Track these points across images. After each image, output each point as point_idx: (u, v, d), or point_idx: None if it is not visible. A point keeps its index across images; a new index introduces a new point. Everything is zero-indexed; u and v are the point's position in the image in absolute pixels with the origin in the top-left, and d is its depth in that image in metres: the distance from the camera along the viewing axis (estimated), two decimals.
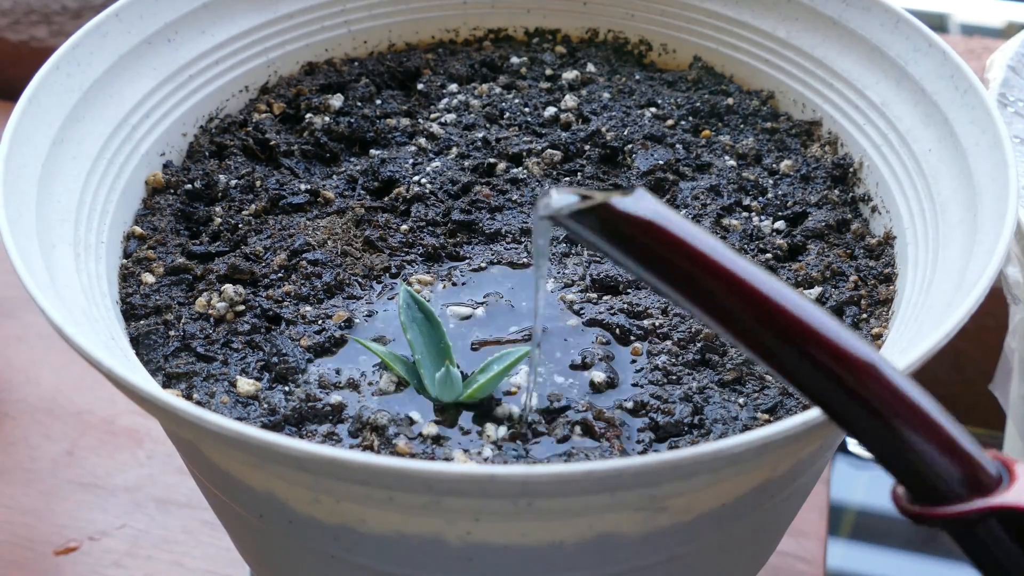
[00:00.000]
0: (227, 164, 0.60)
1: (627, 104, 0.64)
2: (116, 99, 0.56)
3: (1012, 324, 0.61)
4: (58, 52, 0.54)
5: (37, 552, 0.66)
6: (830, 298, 0.53)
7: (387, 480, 0.37)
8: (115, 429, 0.73)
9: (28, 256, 0.45)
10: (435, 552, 0.42)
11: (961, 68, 0.54)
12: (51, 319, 0.42)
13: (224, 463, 0.43)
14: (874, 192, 0.57)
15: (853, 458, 0.78)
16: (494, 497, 0.37)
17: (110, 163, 0.55)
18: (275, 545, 0.47)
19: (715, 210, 0.57)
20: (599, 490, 0.37)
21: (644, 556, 0.43)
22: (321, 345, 0.50)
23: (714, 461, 0.37)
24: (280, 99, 0.64)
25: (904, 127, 0.56)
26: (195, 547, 0.67)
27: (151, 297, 0.52)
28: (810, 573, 0.66)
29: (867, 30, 0.59)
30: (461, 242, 0.56)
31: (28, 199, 0.48)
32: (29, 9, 1.03)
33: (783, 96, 0.64)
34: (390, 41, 0.68)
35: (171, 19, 0.60)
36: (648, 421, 0.47)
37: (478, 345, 0.50)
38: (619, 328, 0.50)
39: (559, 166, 0.60)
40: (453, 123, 0.63)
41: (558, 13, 0.69)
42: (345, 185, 0.59)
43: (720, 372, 0.49)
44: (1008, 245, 0.45)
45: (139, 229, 0.56)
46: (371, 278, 0.54)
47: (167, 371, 0.49)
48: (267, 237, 0.55)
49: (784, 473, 0.44)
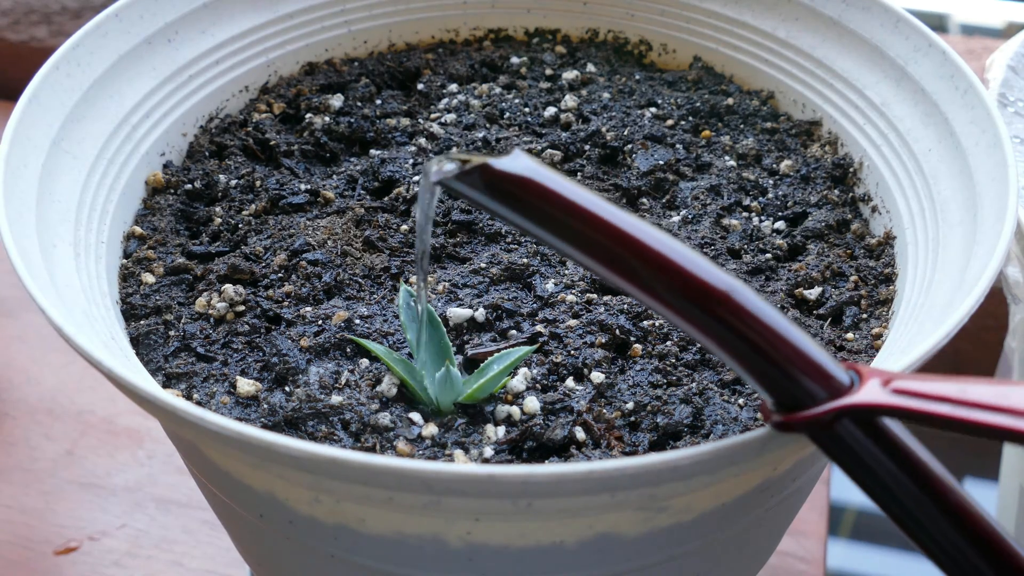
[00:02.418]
0: (227, 164, 0.60)
1: (627, 104, 0.64)
2: (116, 99, 0.56)
3: (1012, 324, 0.61)
4: (58, 52, 0.54)
5: (37, 552, 0.66)
6: (830, 298, 0.53)
7: (387, 480, 0.37)
8: (115, 429, 0.73)
9: (28, 256, 0.45)
10: (435, 552, 0.42)
11: (961, 68, 0.54)
12: (51, 319, 0.42)
13: (224, 463, 0.43)
14: (874, 192, 0.57)
15: None
16: (494, 497, 0.37)
17: (110, 163, 0.55)
18: (275, 545, 0.47)
19: (715, 210, 0.57)
20: (599, 490, 0.37)
21: (644, 556, 0.43)
22: (321, 345, 0.50)
23: (714, 461, 0.37)
24: (280, 99, 0.64)
25: (904, 127, 0.56)
26: (195, 547, 0.67)
27: (151, 297, 0.52)
28: (810, 573, 0.66)
29: (867, 30, 0.59)
30: (461, 242, 0.56)
31: (28, 199, 0.48)
32: (29, 9, 1.03)
33: (783, 96, 0.64)
34: (390, 41, 0.68)
35: (171, 19, 0.60)
36: (648, 422, 0.47)
37: (476, 356, 0.50)
38: (619, 329, 0.50)
39: (559, 166, 0.60)
40: (453, 123, 0.63)
41: (558, 13, 0.69)
42: (345, 185, 0.59)
43: (720, 372, 0.49)
44: (1008, 245, 0.45)
45: (139, 229, 0.56)
46: (371, 278, 0.54)
47: (167, 371, 0.49)
48: (267, 237, 0.55)
49: (784, 473, 0.44)
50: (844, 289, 0.53)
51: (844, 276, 0.54)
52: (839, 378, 0.37)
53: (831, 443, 0.37)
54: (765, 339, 0.36)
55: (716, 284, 0.36)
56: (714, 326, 0.36)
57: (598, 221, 0.37)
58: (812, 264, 0.54)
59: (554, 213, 0.37)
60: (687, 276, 0.36)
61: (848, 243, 0.56)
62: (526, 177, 0.37)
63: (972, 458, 0.81)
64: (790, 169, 0.60)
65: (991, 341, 0.81)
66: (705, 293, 0.36)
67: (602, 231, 0.36)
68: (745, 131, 0.63)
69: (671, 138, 0.62)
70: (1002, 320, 0.64)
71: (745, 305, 0.36)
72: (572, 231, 0.37)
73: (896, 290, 0.53)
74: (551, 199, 0.37)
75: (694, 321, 0.37)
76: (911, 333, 0.46)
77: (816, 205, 0.58)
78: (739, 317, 0.36)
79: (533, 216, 0.37)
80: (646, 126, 0.62)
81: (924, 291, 0.49)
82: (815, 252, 0.55)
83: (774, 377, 0.37)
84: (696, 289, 0.36)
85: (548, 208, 0.37)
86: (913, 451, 0.37)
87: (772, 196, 0.58)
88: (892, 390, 0.36)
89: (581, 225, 0.37)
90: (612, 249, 0.37)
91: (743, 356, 0.37)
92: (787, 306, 0.52)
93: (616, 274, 0.37)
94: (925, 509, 0.36)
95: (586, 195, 0.37)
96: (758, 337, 0.36)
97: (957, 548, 0.36)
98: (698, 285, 0.36)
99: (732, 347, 0.37)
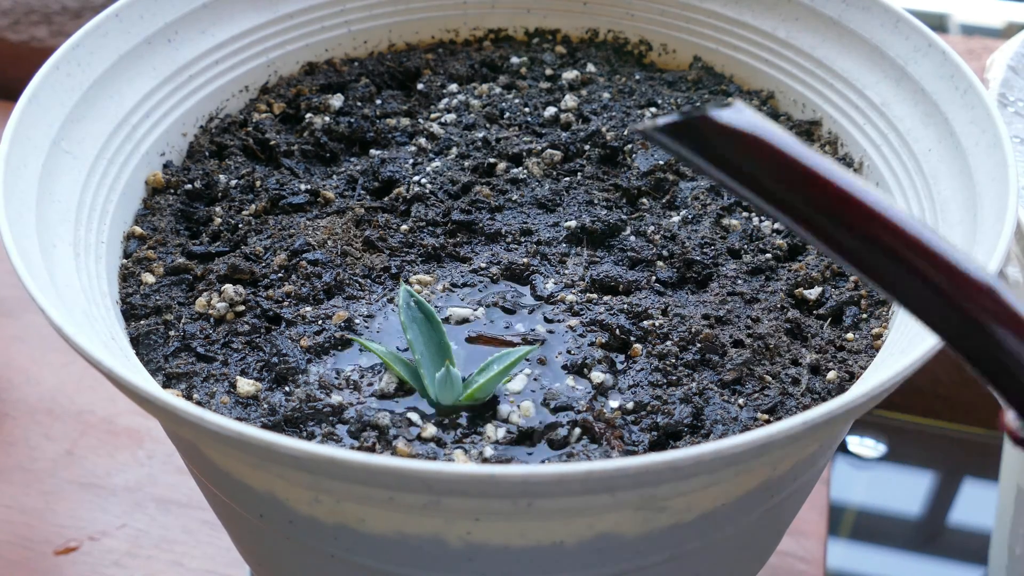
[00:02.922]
0: (227, 164, 0.60)
1: (627, 104, 0.64)
2: (116, 99, 0.56)
3: None
4: (58, 52, 0.54)
5: (37, 552, 0.66)
6: (830, 298, 0.53)
7: (387, 480, 0.37)
8: (115, 429, 0.73)
9: (28, 256, 0.45)
10: (435, 552, 0.42)
11: (961, 68, 0.54)
12: (51, 319, 0.42)
13: (224, 463, 0.43)
14: None
15: (853, 458, 0.78)
16: (494, 497, 0.37)
17: (110, 163, 0.55)
18: (275, 545, 0.47)
19: (715, 210, 0.57)
20: (599, 490, 0.37)
21: (644, 556, 0.43)
22: (321, 345, 0.50)
23: (714, 461, 0.37)
24: (280, 99, 0.64)
25: (904, 127, 0.56)
26: (195, 547, 0.67)
27: (151, 297, 0.52)
28: (810, 573, 0.66)
29: (867, 30, 0.59)
30: (461, 242, 0.56)
31: (28, 199, 0.48)
32: (29, 9, 1.03)
33: (783, 96, 0.64)
34: (390, 41, 0.68)
35: (171, 19, 0.60)
36: (648, 422, 0.47)
37: (475, 338, 0.50)
38: (619, 328, 0.50)
39: (559, 166, 0.60)
40: (453, 123, 0.63)
41: (558, 13, 0.69)
42: (345, 185, 0.59)
43: (720, 372, 0.49)
44: (1008, 245, 0.45)
45: (139, 229, 0.56)
46: (371, 278, 0.54)
47: (167, 371, 0.49)
48: (267, 237, 0.55)
49: (784, 473, 0.44)
50: (844, 289, 0.53)
51: (844, 276, 0.54)
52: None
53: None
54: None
55: (979, 277, 0.32)
56: (968, 328, 0.32)
57: (842, 196, 0.32)
58: (812, 264, 0.54)
59: (789, 180, 0.32)
60: (947, 267, 0.32)
61: None
62: (752, 134, 0.32)
63: (972, 458, 0.81)
64: None
65: None
66: (968, 286, 0.32)
67: (848, 210, 0.32)
68: None
69: None
70: None
71: (1009, 304, 0.32)
72: (808, 208, 0.32)
73: None
74: (784, 164, 0.32)
75: (947, 321, 0.32)
76: (911, 333, 0.46)
77: None
78: (1000, 318, 0.32)
79: (757, 184, 0.32)
80: None
81: None
82: (815, 252, 0.55)
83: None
84: (959, 282, 0.32)
85: (780, 176, 0.32)
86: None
87: None
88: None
89: (822, 201, 0.32)
90: (859, 233, 0.32)
91: (999, 362, 0.32)
92: (787, 306, 0.52)
93: (853, 265, 0.32)
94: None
95: (827, 163, 0.32)
96: (1022, 343, 0.32)
97: None
98: (961, 277, 0.32)
99: (987, 353, 0.32)
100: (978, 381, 0.44)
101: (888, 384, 0.40)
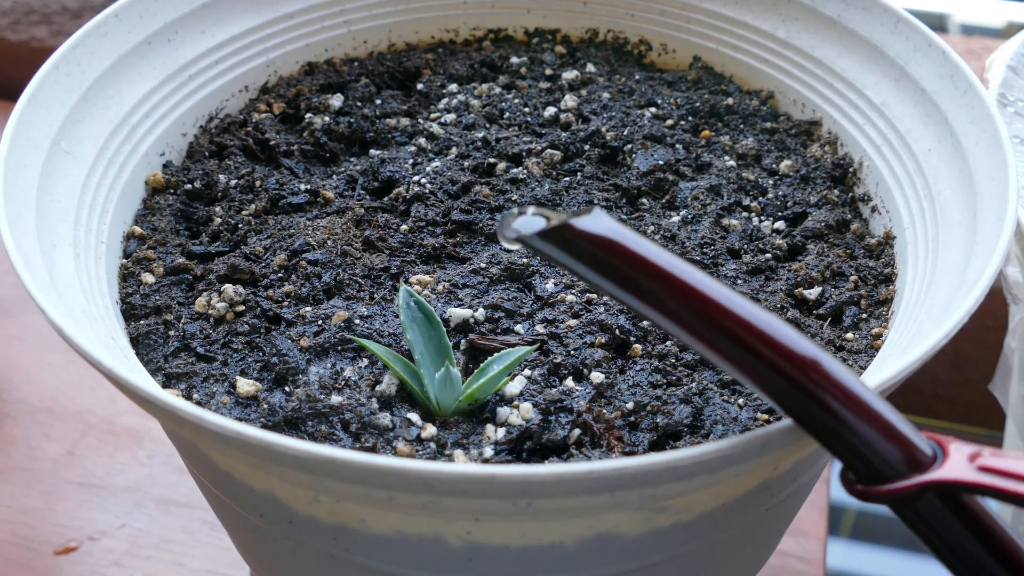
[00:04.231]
0: (227, 164, 0.60)
1: (627, 104, 0.64)
2: (116, 99, 0.56)
3: (1012, 324, 0.61)
4: (58, 52, 0.54)
5: (37, 552, 0.66)
6: (830, 298, 0.53)
7: (387, 480, 0.37)
8: (115, 429, 0.73)
9: (28, 256, 0.45)
10: (435, 552, 0.42)
11: (961, 68, 0.54)
12: (51, 319, 0.42)
13: (224, 463, 0.43)
14: (874, 192, 0.57)
15: None
16: (494, 497, 0.37)
17: (110, 163, 0.55)
18: (275, 545, 0.47)
19: (715, 210, 0.57)
20: (599, 490, 0.37)
21: (644, 556, 0.43)
22: (321, 345, 0.50)
23: (714, 461, 0.37)
24: (280, 99, 0.64)
25: (904, 127, 0.56)
26: (195, 547, 0.67)
27: (151, 297, 0.52)
28: (810, 573, 0.66)
29: (867, 30, 0.59)
30: (461, 242, 0.56)
31: (28, 199, 0.48)
32: (29, 9, 1.03)
33: (783, 96, 0.64)
34: (390, 41, 0.68)
35: (171, 19, 0.60)
36: (648, 422, 0.47)
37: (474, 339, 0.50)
38: (619, 329, 0.50)
39: (559, 166, 0.60)
40: (453, 123, 0.63)
41: (558, 13, 0.69)
42: (345, 185, 0.59)
43: (720, 373, 0.49)
44: (1008, 245, 0.45)
45: (139, 229, 0.56)
46: (371, 278, 0.54)
47: (167, 371, 0.49)
48: (267, 237, 0.55)
49: (784, 473, 0.44)
50: (844, 289, 0.53)
51: (844, 276, 0.54)
52: (923, 450, 0.36)
53: (913, 516, 0.37)
54: (851, 409, 0.36)
55: (806, 353, 0.36)
56: (798, 396, 0.36)
57: (687, 289, 0.36)
58: (812, 264, 0.54)
59: (638, 276, 0.36)
60: (776, 345, 0.36)
61: (848, 243, 0.56)
62: (609, 238, 0.37)
63: None
64: (790, 169, 0.60)
65: (991, 341, 0.81)
66: (796, 360, 0.36)
67: (691, 299, 0.36)
68: (745, 131, 0.63)
69: (671, 138, 0.62)
70: (1002, 320, 0.64)
71: (833, 374, 0.36)
72: (657, 299, 0.36)
73: (896, 290, 0.53)
74: (635, 261, 0.36)
75: (778, 391, 0.36)
76: (911, 333, 0.46)
77: (816, 205, 0.58)
78: (825, 387, 0.36)
79: (614, 279, 0.37)
80: (646, 126, 0.62)
81: (924, 291, 0.49)
82: (815, 252, 0.55)
83: (857, 448, 0.36)
84: (785, 357, 0.36)
85: (631, 272, 0.37)
86: (997, 528, 0.36)
87: (772, 196, 0.58)
88: (979, 467, 0.35)
89: (666, 292, 0.36)
90: (700, 320, 0.36)
91: (826, 425, 0.36)
92: (787, 306, 0.52)
93: (700, 345, 0.36)
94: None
95: (673, 259, 0.36)
96: (844, 407, 0.36)
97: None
98: (786, 353, 0.36)
99: (816, 417, 0.36)
100: (978, 381, 0.44)
101: (888, 384, 0.40)
